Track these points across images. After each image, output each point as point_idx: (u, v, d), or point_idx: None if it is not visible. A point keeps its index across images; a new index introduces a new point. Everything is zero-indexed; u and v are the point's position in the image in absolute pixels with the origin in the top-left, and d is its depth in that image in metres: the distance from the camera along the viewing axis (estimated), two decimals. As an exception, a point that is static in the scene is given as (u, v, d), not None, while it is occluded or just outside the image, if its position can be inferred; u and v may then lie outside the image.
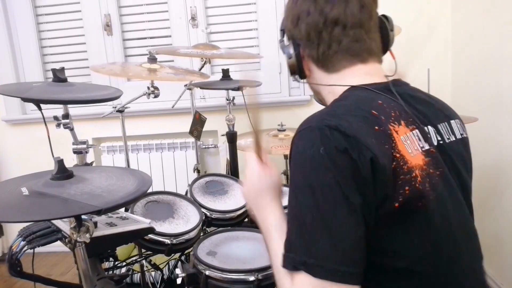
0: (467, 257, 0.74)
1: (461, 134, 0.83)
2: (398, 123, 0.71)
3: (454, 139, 0.81)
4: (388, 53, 0.87)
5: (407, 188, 0.66)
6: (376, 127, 0.69)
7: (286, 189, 1.71)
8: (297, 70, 0.85)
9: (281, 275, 0.68)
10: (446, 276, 0.71)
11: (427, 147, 0.73)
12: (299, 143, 0.69)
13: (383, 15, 0.85)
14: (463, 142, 0.83)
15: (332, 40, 0.79)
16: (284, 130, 1.94)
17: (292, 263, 0.65)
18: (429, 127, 0.77)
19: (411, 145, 0.70)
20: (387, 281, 0.70)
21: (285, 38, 0.89)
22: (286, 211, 0.70)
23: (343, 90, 0.79)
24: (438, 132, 0.78)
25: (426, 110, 0.79)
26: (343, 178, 0.63)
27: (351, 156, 0.64)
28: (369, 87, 0.77)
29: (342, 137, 0.65)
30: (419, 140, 0.72)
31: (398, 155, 0.67)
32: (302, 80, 0.88)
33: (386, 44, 0.85)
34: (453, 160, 0.77)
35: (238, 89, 1.85)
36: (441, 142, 0.77)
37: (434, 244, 0.69)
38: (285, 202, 1.62)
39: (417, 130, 0.73)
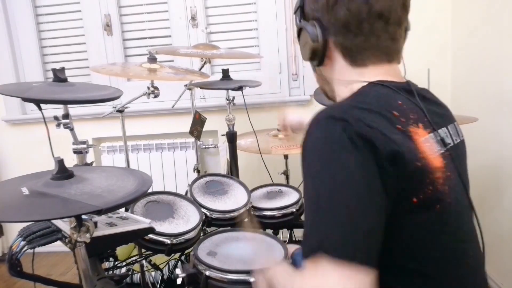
0: (472, 260, 0.74)
1: (462, 136, 0.84)
2: (417, 125, 0.71)
3: (459, 140, 0.81)
4: None
5: (430, 187, 0.66)
6: (398, 126, 0.68)
7: (286, 189, 1.72)
8: (320, 56, 0.78)
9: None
10: (452, 278, 0.71)
11: (442, 150, 0.72)
12: (317, 131, 0.67)
13: None
14: (464, 143, 0.84)
15: (372, 33, 0.74)
16: (284, 130, 1.94)
17: (310, 247, 0.63)
18: (443, 129, 0.77)
19: (430, 147, 0.70)
20: (394, 279, 0.70)
21: (298, 16, 0.81)
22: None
23: (362, 85, 0.75)
24: (449, 133, 0.78)
25: (439, 112, 0.79)
26: (364, 161, 0.62)
27: (374, 143, 0.62)
28: (388, 85, 0.74)
29: (367, 127, 0.63)
30: (436, 143, 0.72)
31: (422, 155, 0.67)
32: (316, 67, 0.82)
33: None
34: (461, 161, 0.78)
35: (238, 89, 1.86)
36: (452, 144, 0.76)
37: (445, 246, 0.69)
38: (283, 202, 1.61)
39: (433, 134, 0.72)
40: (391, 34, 0.76)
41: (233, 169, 1.97)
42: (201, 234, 1.40)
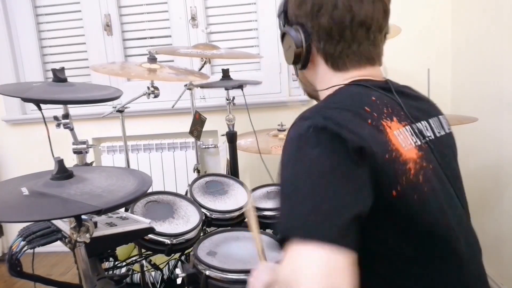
0: (465, 249, 0.74)
1: (449, 129, 0.86)
2: (391, 119, 0.72)
3: (444, 133, 0.83)
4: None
5: (404, 178, 0.67)
6: (369, 121, 0.69)
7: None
8: (303, 61, 0.81)
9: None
10: (444, 268, 0.71)
11: (419, 142, 0.73)
12: (291, 131, 0.69)
13: None
14: (451, 136, 0.86)
15: (354, 40, 0.77)
16: (284, 130, 1.95)
17: (281, 235, 0.61)
18: (423, 122, 0.78)
19: (404, 139, 0.71)
20: (384, 271, 0.70)
21: (281, 21, 0.85)
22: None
23: (337, 87, 0.78)
24: (430, 126, 0.79)
25: (419, 106, 0.81)
26: (331, 151, 0.63)
27: (341, 136, 0.63)
28: (364, 83, 0.77)
29: (335, 125, 0.65)
30: (412, 135, 0.73)
31: (393, 147, 0.68)
32: (299, 71, 0.86)
33: None
34: (444, 153, 0.79)
35: (238, 87, 1.86)
36: (432, 137, 0.78)
37: (432, 235, 0.70)
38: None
39: (409, 126, 0.74)
40: (372, 40, 0.79)
41: (233, 169, 1.97)
42: (201, 234, 1.40)
